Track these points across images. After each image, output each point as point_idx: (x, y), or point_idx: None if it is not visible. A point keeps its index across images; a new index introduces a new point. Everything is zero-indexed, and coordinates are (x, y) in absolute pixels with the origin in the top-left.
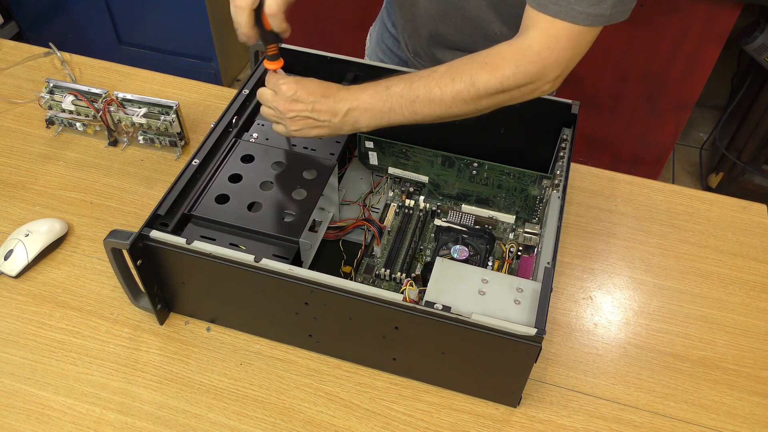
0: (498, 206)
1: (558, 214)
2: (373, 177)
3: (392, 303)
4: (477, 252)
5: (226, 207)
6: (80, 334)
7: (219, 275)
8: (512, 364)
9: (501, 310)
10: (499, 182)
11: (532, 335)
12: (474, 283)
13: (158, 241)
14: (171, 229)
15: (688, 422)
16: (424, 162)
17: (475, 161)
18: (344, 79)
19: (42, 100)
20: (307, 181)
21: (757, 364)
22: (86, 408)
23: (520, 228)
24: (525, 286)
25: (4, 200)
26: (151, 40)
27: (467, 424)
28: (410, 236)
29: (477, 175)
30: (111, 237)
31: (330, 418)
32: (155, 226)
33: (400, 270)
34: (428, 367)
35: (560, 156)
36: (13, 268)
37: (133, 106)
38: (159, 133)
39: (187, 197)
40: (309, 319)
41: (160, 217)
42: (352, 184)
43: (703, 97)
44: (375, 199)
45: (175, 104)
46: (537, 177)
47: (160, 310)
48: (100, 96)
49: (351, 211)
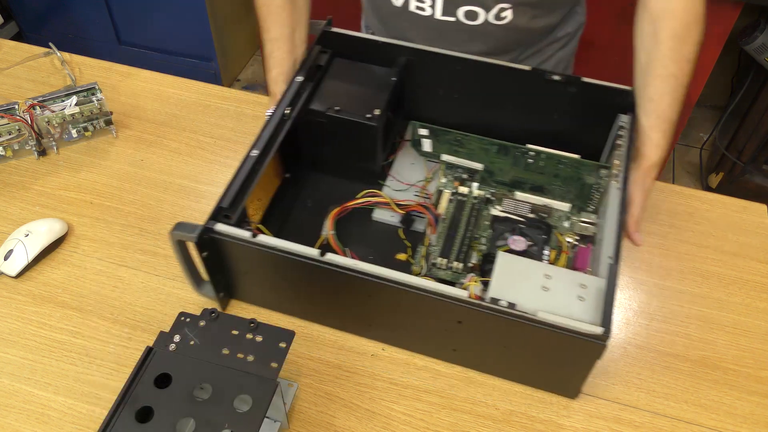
0: (552, 194)
1: (619, 206)
2: (426, 164)
3: (457, 299)
4: (535, 243)
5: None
6: (80, 334)
7: (281, 268)
8: (575, 361)
9: (565, 307)
10: (556, 171)
11: (599, 334)
12: (537, 278)
13: (223, 233)
14: (234, 221)
15: (688, 422)
16: (479, 150)
17: (532, 150)
18: (395, 64)
19: None
20: (238, 417)
21: (757, 364)
22: (86, 408)
23: (575, 216)
24: (589, 282)
25: (4, 200)
26: (151, 40)
27: (467, 424)
28: (465, 224)
29: (533, 164)
30: (177, 230)
31: (330, 418)
32: (219, 218)
33: (456, 259)
34: (489, 359)
35: (618, 144)
36: (13, 268)
37: (56, 102)
38: (90, 117)
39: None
40: (370, 310)
41: (224, 210)
42: (403, 169)
43: (703, 97)
44: (427, 186)
45: (94, 84)
46: (595, 167)
47: (222, 298)
48: (12, 108)
49: (406, 195)
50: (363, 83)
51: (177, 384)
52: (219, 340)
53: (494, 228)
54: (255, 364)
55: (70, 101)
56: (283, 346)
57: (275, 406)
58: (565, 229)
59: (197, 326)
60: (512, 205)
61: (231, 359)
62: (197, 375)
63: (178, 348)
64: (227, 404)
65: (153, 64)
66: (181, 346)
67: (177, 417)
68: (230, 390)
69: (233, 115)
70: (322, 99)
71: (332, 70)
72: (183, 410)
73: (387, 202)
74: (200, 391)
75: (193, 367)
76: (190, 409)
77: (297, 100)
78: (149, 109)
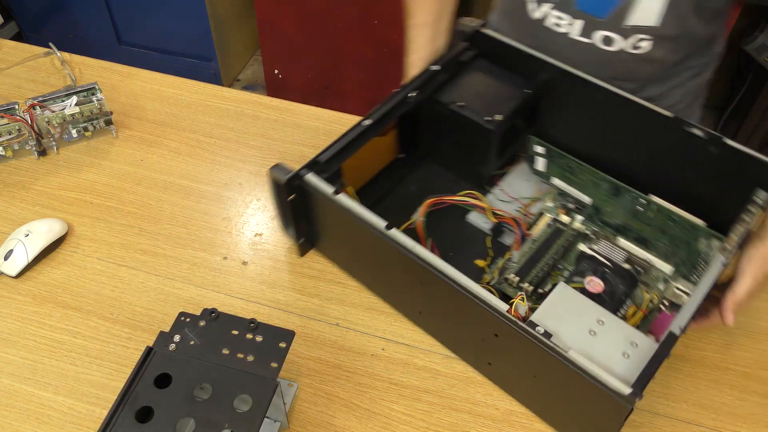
0: (658, 251)
1: (713, 280)
2: (539, 184)
3: (496, 310)
4: (613, 291)
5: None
6: (80, 334)
7: (351, 231)
8: (598, 415)
9: (604, 356)
10: (664, 227)
11: (626, 394)
12: (588, 320)
13: (308, 182)
14: (325, 176)
15: (689, 422)
16: (591, 183)
17: (643, 197)
18: (535, 77)
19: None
20: (238, 417)
21: (757, 364)
22: (86, 408)
23: (673, 281)
24: (642, 342)
25: (4, 200)
26: (151, 40)
27: (467, 424)
28: (552, 252)
29: (643, 213)
30: (274, 169)
31: (330, 418)
32: (314, 168)
33: (530, 282)
34: (518, 384)
35: (743, 219)
36: (13, 268)
37: (56, 102)
38: (90, 117)
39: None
40: (421, 298)
41: (319, 163)
42: (515, 182)
43: None
44: (532, 206)
45: (94, 84)
46: (708, 234)
47: (302, 244)
48: (12, 108)
49: (506, 207)
50: (496, 87)
51: (177, 384)
52: (219, 340)
53: (578, 263)
54: (255, 364)
55: (70, 101)
56: (283, 346)
57: (275, 406)
58: (657, 289)
59: (197, 326)
60: (607, 247)
61: (231, 359)
62: (197, 375)
63: (178, 348)
64: (227, 404)
65: (153, 64)
66: (181, 346)
67: (177, 417)
68: (230, 390)
69: (233, 115)
70: (451, 92)
71: (471, 68)
72: (183, 410)
73: (485, 207)
74: (200, 391)
75: (193, 367)
76: (190, 409)
77: (426, 88)
78: (149, 109)
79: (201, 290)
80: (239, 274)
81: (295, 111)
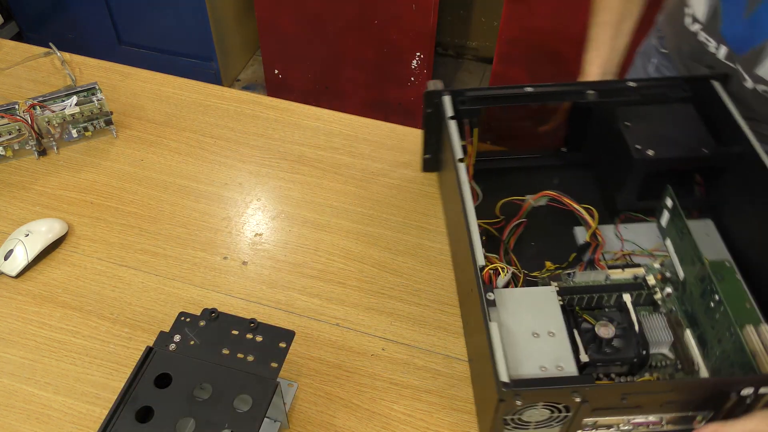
0: (710, 358)
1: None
2: (658, 241)
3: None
4: (617, 349)
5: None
6: (80, 334)
7: (446, 153)
8: (489, 396)
9: (525, 356)
10: (721, 337)
11: (503, 381)
12: (542, 325)
13: (442, 104)
14: (463, 107)
15: None
16: (689, 258)
17: (718, 295)
18: (726, 147)
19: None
20: (238, 417)
21: None
22: (86, 408)
23: None
24: (568, 367)
25: (4, 200)
26: (151, 40)
27: (467, 424)
28: (600, 288)
29: (712, 310)
30: (430, 82)
31: (330, 418)
32: (454, 95)
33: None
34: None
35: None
36: (13, 268)
37: (56, 102)
38: (91, 117)
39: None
40: (456, 236)
41: (461, 95)
42: (638, 229)
43: None
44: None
45: (94, 84)
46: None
47: (427, 160)
48: (12, 108)
49: (612, 242)
50: (681, 133)
51: (177, 384)
52: (219, 340)
53: (613, 305)
54: (255, 364)
55: (70, 101)
56: (283, 346)
57: (275, 406)
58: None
59: (197, 326)
60: (656, 322)
61: (231, 359)
62: (197, 375)
63: (178, 348)
64: (227, 404)
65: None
66: (181, 346)
67: (177, 417)
68: (230, 390)
69: (233, 115)
70: (629, 112)
71: (670, 103)
72: (183, 410)
73: (591, 226)
74: (200, 391)
75: (193, 367)
76: (190, 409)
77: (608, 95)
78: (149, 109)
79: (201, 290)
80: (239, 274)
81: (294, 111)
